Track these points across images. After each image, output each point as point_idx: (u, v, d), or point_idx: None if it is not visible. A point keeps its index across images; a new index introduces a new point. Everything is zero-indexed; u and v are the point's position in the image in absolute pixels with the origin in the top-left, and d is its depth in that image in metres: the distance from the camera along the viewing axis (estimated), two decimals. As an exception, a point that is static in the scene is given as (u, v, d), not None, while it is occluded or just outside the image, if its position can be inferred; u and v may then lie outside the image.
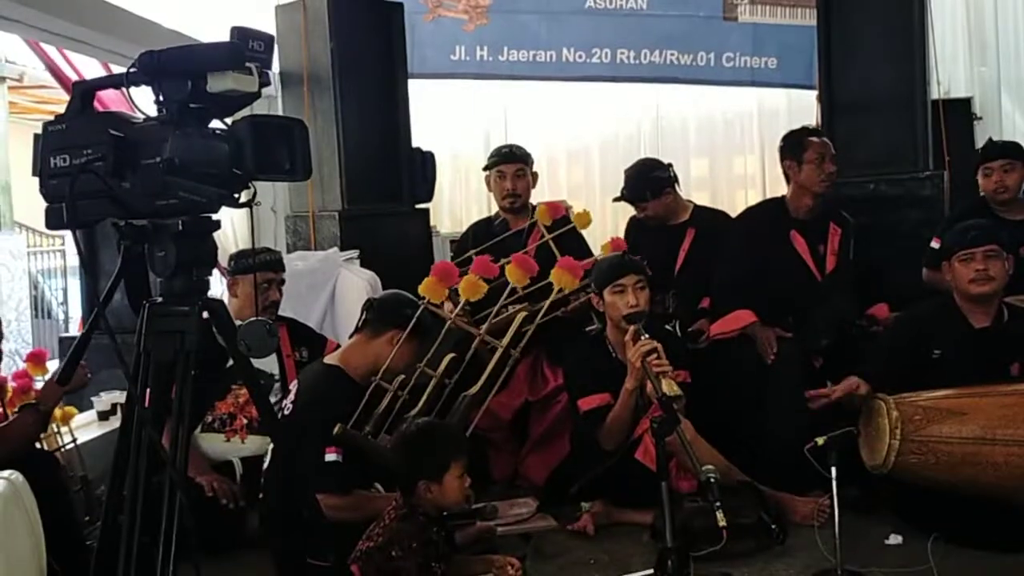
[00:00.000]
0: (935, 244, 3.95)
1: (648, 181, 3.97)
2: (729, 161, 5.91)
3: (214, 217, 1.62)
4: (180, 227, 1.55)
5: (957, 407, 2.82)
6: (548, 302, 3.42)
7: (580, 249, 3.74)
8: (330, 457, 2.70)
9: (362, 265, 4.94)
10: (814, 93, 5.33)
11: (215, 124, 1.61)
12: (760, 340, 3.57)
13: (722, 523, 2.52)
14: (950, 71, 5.74)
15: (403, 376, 3.00)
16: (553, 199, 5.58)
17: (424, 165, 5.63)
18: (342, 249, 4.99)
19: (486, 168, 4.07)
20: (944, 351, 3.12)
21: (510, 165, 3.99)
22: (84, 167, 1.55)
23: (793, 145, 3.76)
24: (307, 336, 3.69)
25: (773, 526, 2.93)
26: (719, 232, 3.93)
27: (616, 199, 4.06)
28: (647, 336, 3.08)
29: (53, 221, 1.64)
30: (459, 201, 6.30)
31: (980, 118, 5.83)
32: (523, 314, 3.38)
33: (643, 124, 5.55)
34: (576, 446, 3.42)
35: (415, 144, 5.54)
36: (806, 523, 3.08)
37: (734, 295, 3.73)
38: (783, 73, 6.16)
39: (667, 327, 3.76)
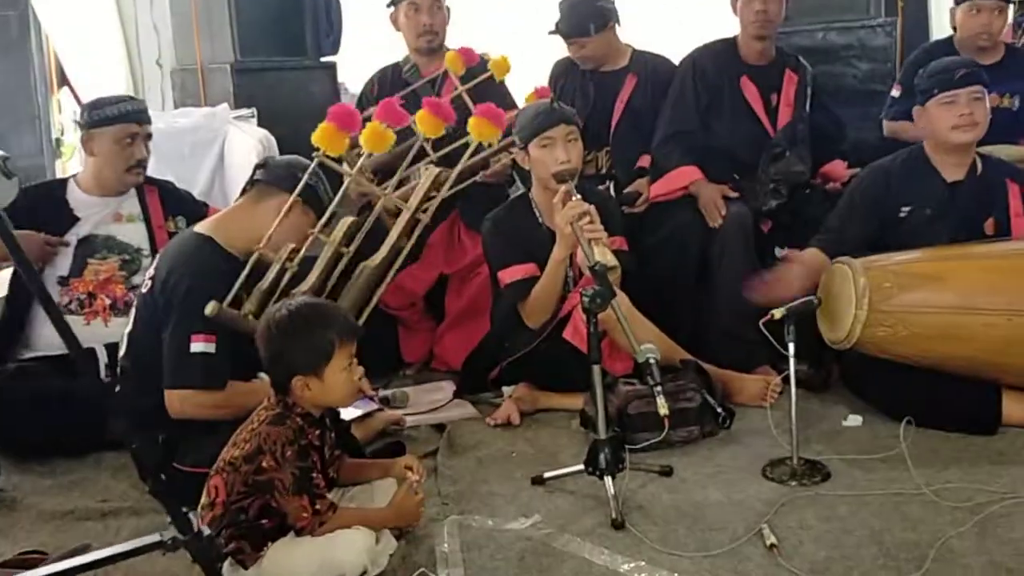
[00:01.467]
0: (896, 92, 3.58)
1: (593, 11, 3.40)
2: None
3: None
4: None
5: (933, 272, 2.47)
6: (466, 158, 2.93)
7: (503, 101, 3.21)
8: (197, 347, 2.22)
9: (260, 125, 4.40)
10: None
11: None
12: (705, 200, 3.17)
13: (663, 411, 2.16)
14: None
15: (292, 245, 2.52)
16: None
17: (329, 12, 5.04)
18: (236, 107, 4.45)
19: (393, 2, 3.48)
20: (913, 208, 2.76)
21: None
22: None
23: None
24: (184, 202, 3.14)
25: (719, 410, 2.58)
26: (663, 81, 3.45)
27: (552, 32, 3.47)
28: (579, 197, 2.65)
29: None
30: (371, 55, 5.65)
31: (936, -39, 5.38)
32: (436, 171, 2.88)
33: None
34: (497, 324, 3.00)
35: (318, -12, 4.95)
36: (754, 403, 2.75)
37: (677, 149, 3.30)
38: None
39: (601, 188, 3.34)
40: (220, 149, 3.99)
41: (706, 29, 3.65)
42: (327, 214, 2.54)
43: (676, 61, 3.49)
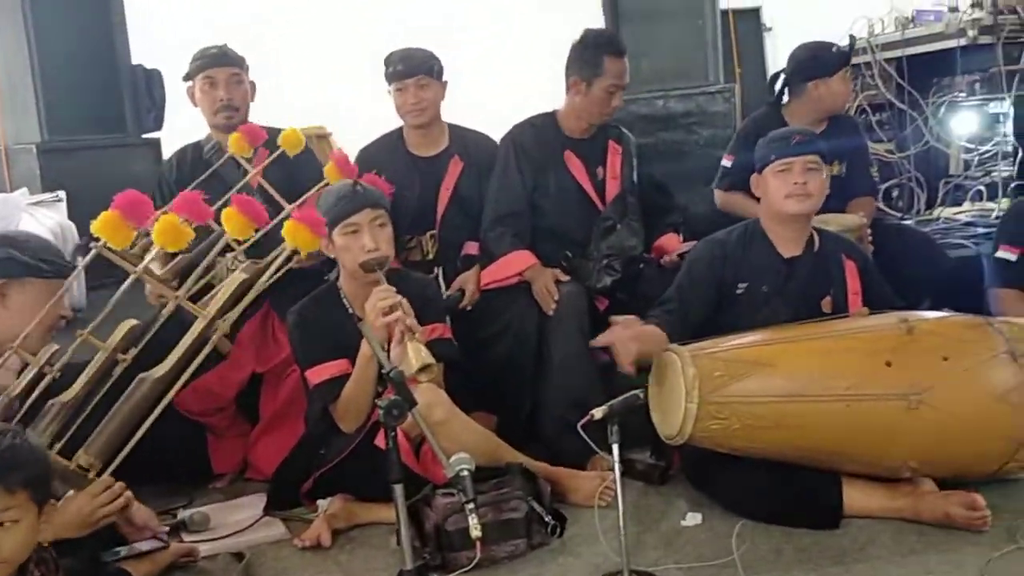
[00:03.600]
0: (727, 162, 3.51)
1: (431, 55, 3.23)
2: (509, 80, 5.24)
3: None
4: None
5: (764, 357, 2.30)
6: (272, 258, 2.66)
7: (311, 175, 2.97)
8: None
9: (72, 211, 4.03)
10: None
11: None
12: (539, 288, 2.98)
13: (475, 533, 1.91)
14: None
15: (56, 348, 2.18)
16: (308, 120, 4.78)
17: (150, 87, 4.74)
18: (43, 191, 4.08)
19: (188, 76, 3.21)
20: (750, 284, 2.63)
21: (222, 69, 3.14)
22: None
23: (587, 62, 3.11)
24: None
25: (547, 517, 2.35)
26: (487, 162, 3.26)
27: (390, 75, 3.21)
28: (390, 288, 2.42)
29: None
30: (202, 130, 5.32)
31: (770, 28, 5.50)
32: (241, 277, 2.58)
33: (401, 33, 4.63)
34: (311, 428, 2.71)
35: (136, 60, 4.64)
36: (589, 503, 2.53)
37: (507, 234, 3.13)
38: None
39: (431, 275, 3.13)
40: (12, 241, 3.58)
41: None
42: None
43: (490, 132, 3.34)
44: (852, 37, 3.48)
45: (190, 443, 2.98)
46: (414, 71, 3.19)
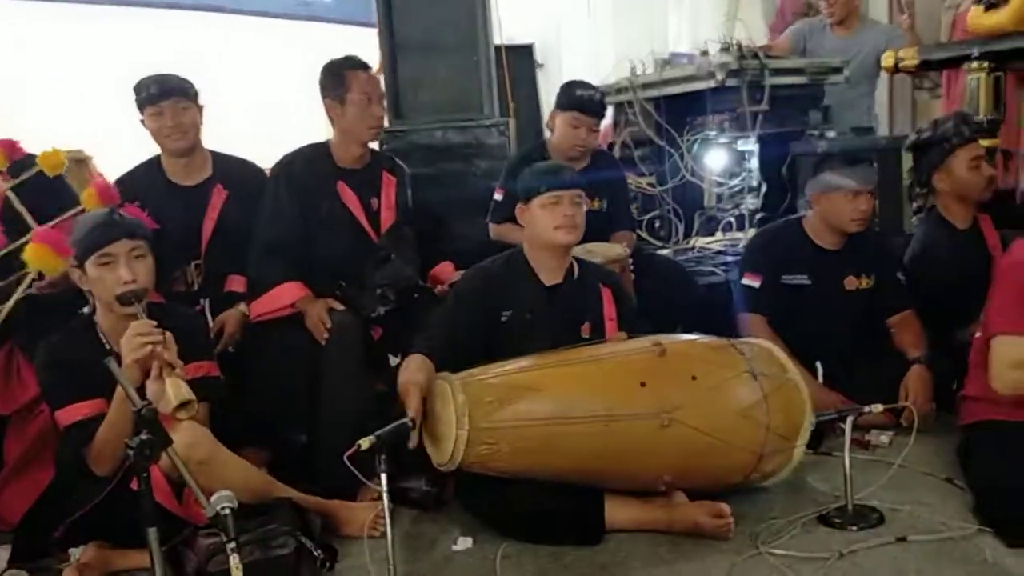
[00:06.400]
0: (499, 196, 3.63)
1: (187, 80, 3.15)
2: (281, 114, 5.12)
3: None
4: None
5: (531, 382, 2.38)
6: (20, 290, 2.50)
7: (59, 200, 2.80)
8: None
9: None
10: (374, 32, 4.80)
11: None
12: (311, 318, 2.95)
13: (237, 573, 1.86)
14: (512, 16, 5.52)
15: None
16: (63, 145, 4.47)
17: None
18: None
19: None
20: (514, 312, 2.72)
21: None
22: None
23: (334, 80, 3.12)
24: None
25: (316, 552, 2.32)
26: (253, 192, 3.20)
27: (144, 99, 3.09)
28: (152, 322, 2.32)
29: None
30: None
31: (542, 65, 5.72)
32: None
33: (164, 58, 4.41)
34: (61, 472, 2.54)
35: None
36: (363, 534, 2.52)
37: (278, 263, 3.07)
38: (340, 8, 5.57)
39: (196, 308, 3.01)
40: None
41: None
42: None
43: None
44: (600, 93, 3.66)
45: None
46: (170, 92, 3.10)
